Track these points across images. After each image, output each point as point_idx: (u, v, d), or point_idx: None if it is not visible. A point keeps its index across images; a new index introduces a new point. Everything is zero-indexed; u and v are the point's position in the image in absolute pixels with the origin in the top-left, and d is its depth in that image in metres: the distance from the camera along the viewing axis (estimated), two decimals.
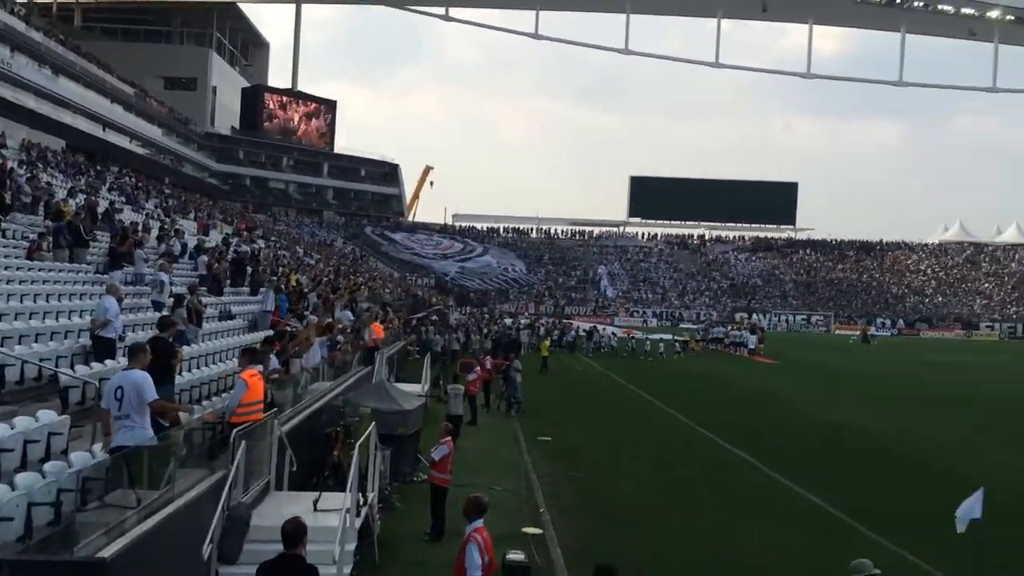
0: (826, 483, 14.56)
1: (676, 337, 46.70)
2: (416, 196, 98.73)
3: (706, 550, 10.90)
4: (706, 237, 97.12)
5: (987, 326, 76.57)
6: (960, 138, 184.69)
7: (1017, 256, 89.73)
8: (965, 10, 68.10)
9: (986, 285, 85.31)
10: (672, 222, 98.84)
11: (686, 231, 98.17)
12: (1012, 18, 68.91)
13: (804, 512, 12.96)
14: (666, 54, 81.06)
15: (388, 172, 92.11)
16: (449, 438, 11.73)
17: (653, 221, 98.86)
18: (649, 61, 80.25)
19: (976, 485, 9.21)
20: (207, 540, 7.00)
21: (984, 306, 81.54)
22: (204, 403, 11.23)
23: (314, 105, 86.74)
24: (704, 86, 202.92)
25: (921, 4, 67.94)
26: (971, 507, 8.85)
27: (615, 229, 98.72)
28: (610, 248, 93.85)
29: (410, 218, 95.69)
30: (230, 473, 7.73)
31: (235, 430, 8.19)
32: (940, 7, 68.30)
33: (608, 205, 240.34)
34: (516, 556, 9.46)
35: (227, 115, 78.87)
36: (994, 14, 68.29)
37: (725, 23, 71.20)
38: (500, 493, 13.28)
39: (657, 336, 45.71)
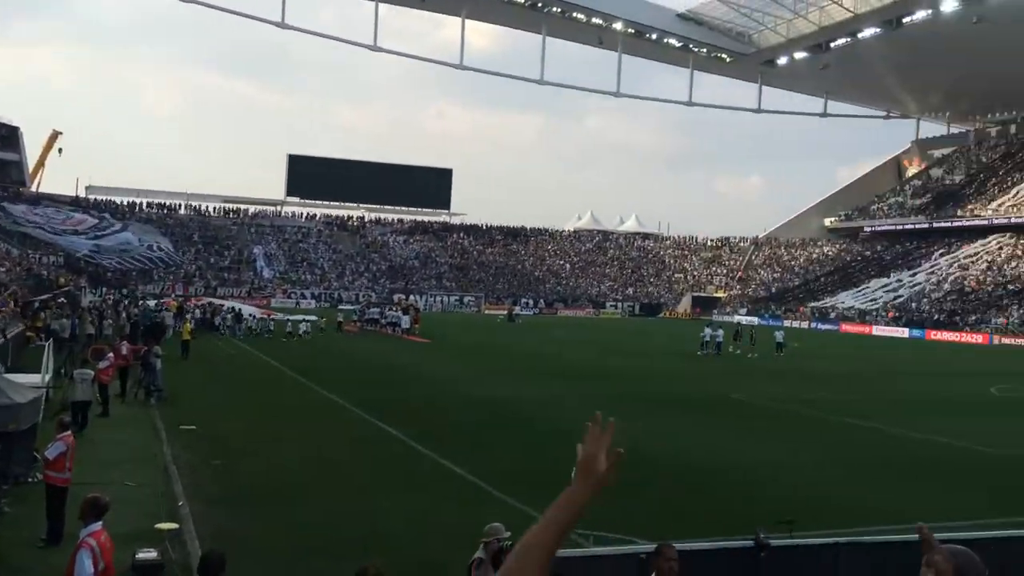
0: (469, 453, 15.44)
1: (319, 318, 46.50)
2: (41, 164, 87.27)
3: (351, 525, 11.00)
4: (365, 219, 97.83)
5: (611, 305, 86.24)
6: (591, 135, 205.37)
7: (636, 244, 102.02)
8: (595, 20, 75.65)
9: (611, 269, 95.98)
10: (332, 203, 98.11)
11: (345, 212, 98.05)
12: (633, 31, 77.92)
13: (448, 482, 13.62)
14: (325, 32, 80.00)
15: (6, 135, 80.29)
16: (68, 433, 10.56)
17: (312, 201, 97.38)
18: (311, 38, 78.75)
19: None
20: None
21: (610, 287, 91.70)
22: None
23: None
24: (365, 68, 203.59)
25: (558, 10, 74.21)
26: None
27: (272, 208, 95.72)
28: (267, 228, 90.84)
29: (33, 188, 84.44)
30: None
31: None
32: (574, 15, 75.16)
33: (265, 183, 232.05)
34: (147, 554, 8.84)
35: None
36: (618, 26, 76.74)
37: (383, 8, 72.05)
38: (133, 488, 12.30)
39: (299, 317, 45.07)
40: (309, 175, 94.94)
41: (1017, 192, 76.35)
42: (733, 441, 17.90)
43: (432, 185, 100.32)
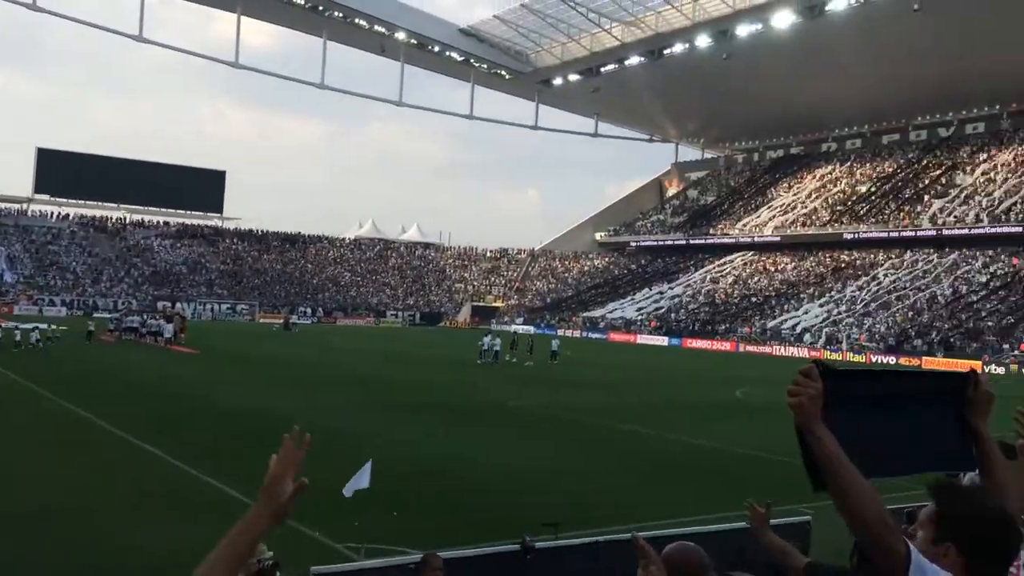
0: (233, 469, 14.63)
1: (49, 326, 42.55)
2: None
3: (99, 552, 10.06)
4: (127, 221, 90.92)
5: (392, 314, 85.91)
6: (374, 143, 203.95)
7: (417, 253, 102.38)
8: (377, 28, 75.39)
9: (392, 278, 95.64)
10: (88, 202, 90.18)
11: (104, 213, 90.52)
12: (415, 42, 78.42)
13: (209, 500, 12.82)
14: (84, 18, 73.74)
15: None
16: None
17: (65, 200, 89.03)
18: (68, 24, 72.27)
19: (365, 459, 10.07)
20: None
21: (391, 296, 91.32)
22: None
23: None
24: (133, 62, 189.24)
25: (340, 15, 73.21)
26: (361, 478, 9.64)
27: (16, 206, 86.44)
28: (10, 227, 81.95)
29: None
30: None
31: None
32: (356, 21, 74.45)
33: (9, 179, 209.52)
34: None
35: None
36: (400, 36, 76.94)
37: None
38: None
39: (29, 325, 40.92)
40: (62, 172, 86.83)
41: (759, 214, 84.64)
42: (507, 448, 18.30)
43: (203, 187, 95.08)
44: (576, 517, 11.30)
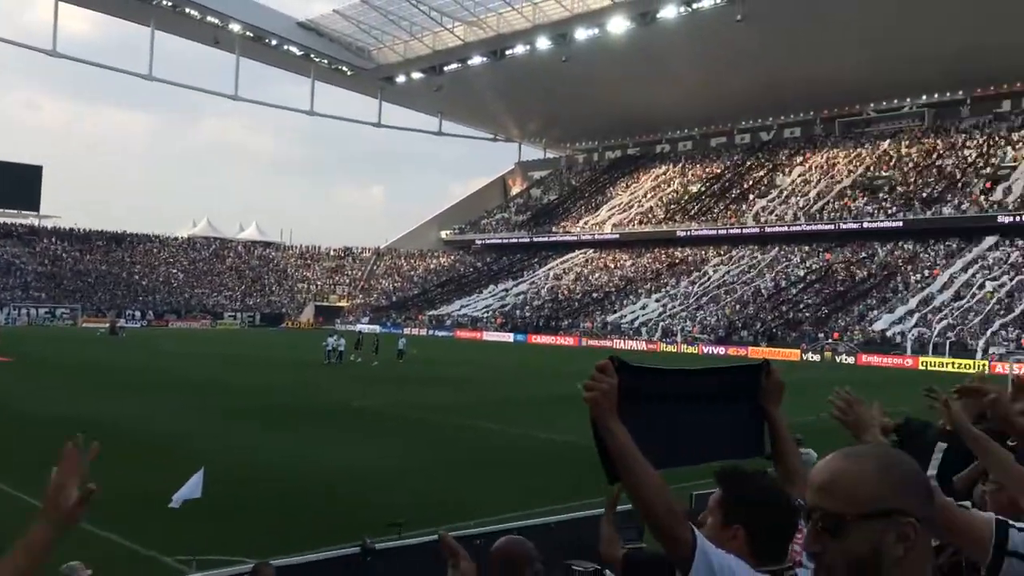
0: (45, 482, 13.53)
1: None
2: None
3: None
4: None
5: (230, 316, 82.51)
6: (208, 138, 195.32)
7: (256, 252, 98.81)
8: (210, 19, 72.16)
9: (229, 278, 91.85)
10: None
11: None
12: (251, 35, 75.69)
13: (16, 517, 11.77)
14: None
15: None
16: None
17: None
18: None
19: (199, 465, 9.55)
20: None
21: (228, 297, 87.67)
22: None
23: None
24: None
25: (168, 3, 69.57)
26: (191, 487, 9.13)
27: None
28: None
29: None
30: None
31: None
32: (187, 11, 70.99)
33: None
34: None
35: None
36: (235, 28, 74.02)
37: None
38: None
39: None
40: None
41: (599, 212, 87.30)
42: (352, 448, 17.92)
43: (17, 183, 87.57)
44: (421, 516, 11.17)
